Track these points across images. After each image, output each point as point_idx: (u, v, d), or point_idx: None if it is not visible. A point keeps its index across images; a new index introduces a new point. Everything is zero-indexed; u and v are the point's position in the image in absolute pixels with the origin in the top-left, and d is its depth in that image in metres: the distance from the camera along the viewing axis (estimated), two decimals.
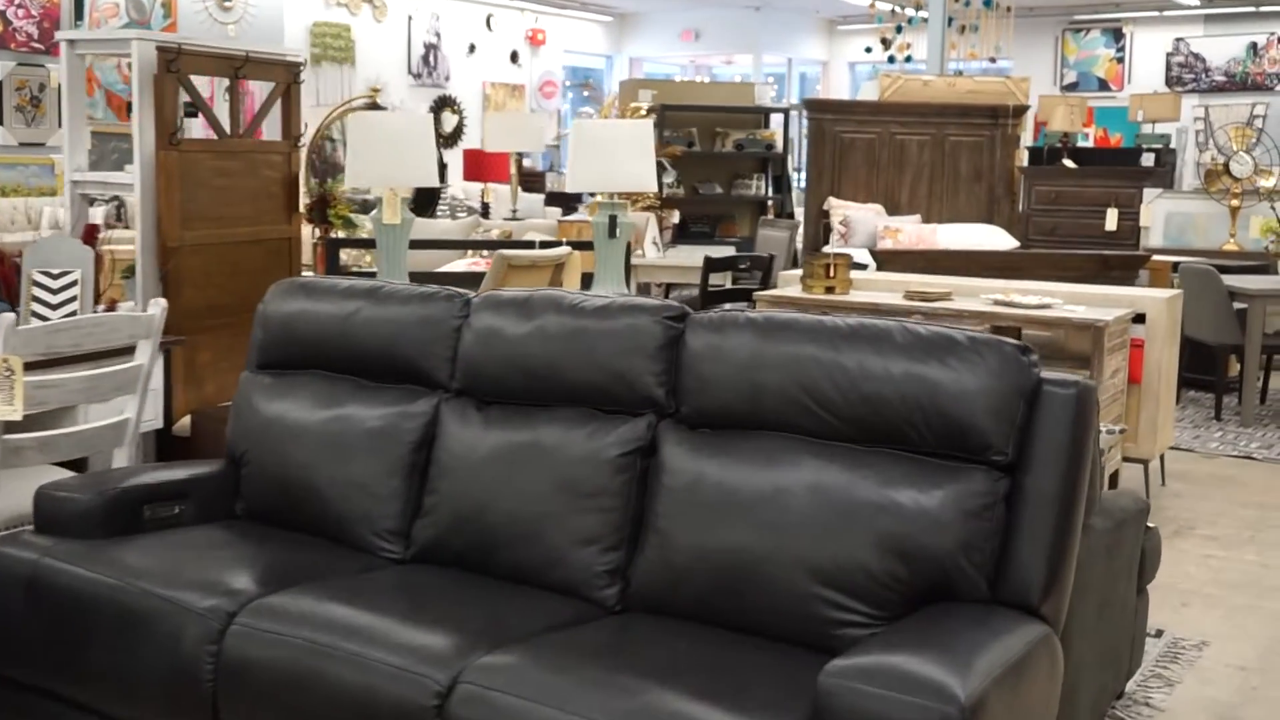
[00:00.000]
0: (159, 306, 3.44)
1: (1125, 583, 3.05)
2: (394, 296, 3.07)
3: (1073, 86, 17.13)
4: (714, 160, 10.04)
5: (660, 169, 8.56)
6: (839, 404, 2.45)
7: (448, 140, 15.73)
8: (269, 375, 3.22)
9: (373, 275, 5.22)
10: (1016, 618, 2.27)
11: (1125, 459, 5.30)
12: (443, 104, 15.90)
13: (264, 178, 4.85)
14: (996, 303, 5.23)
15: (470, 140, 14.63)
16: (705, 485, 2.53)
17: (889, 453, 2.42)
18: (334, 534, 2.94)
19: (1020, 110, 9.71)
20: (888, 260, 7.61)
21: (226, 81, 4.90)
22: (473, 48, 16.57)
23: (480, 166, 10.33)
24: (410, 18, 15.61)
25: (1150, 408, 5.28)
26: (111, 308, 4.28)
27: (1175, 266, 7.71)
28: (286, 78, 4.93)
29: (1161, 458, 5.58)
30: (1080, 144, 15.50)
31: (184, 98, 4.47)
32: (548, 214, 10.21)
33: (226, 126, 4.73)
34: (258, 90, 13.56)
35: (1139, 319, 5.26)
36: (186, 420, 4.33)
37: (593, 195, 8.75)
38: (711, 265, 5.87)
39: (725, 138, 9.90)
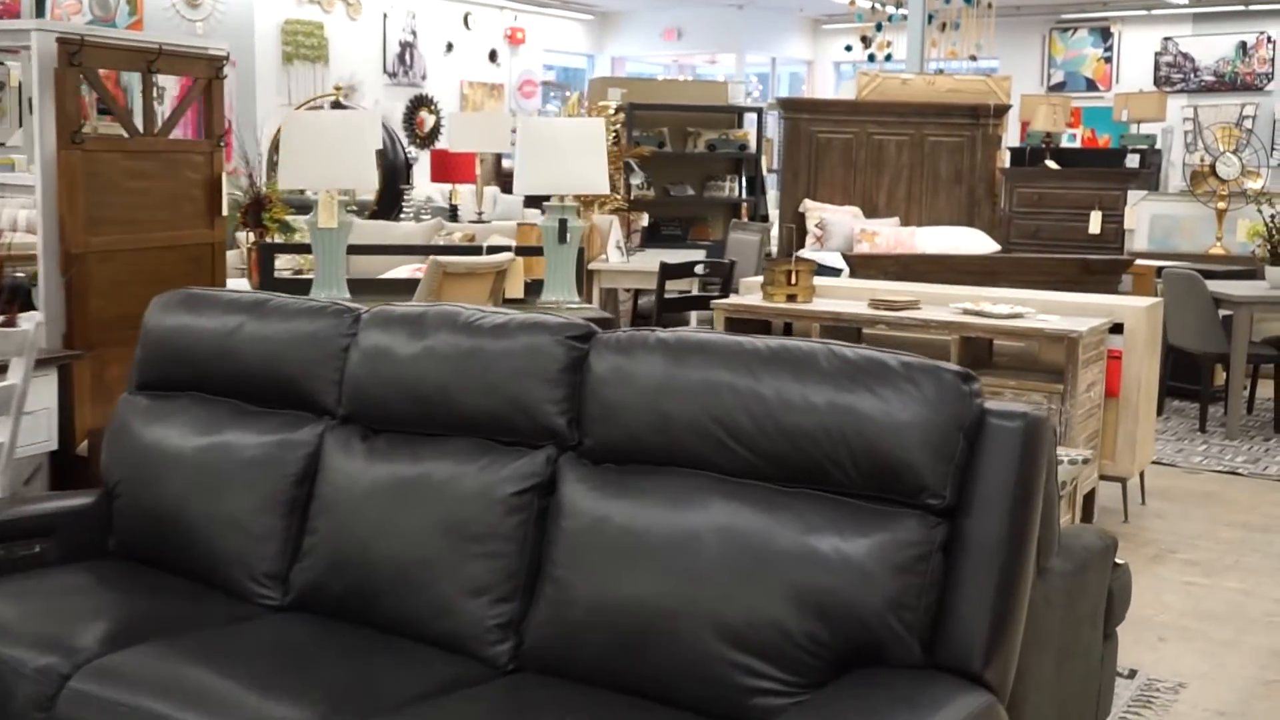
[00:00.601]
0: (32, 321, 3.14)
1: (1089, 629, 2.75)
2: (279, 311, 2.77)
3: (1060, 86, 16.88)
4: (686, 161, 9.73)
5: (627, 170, 8.27)
6: (755, 437, 2.16)
7: (424, 140, 15.45)
8: (147, 397, 2.91)
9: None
10: (954, 686, 1.98)
11: (1103, 477, 5.01)
12: (419, 103, 15.63)
13: (183, 179, 4.54)
14: (966, 312, 4.94)
15: (448, 140, 14.38)
16: (608, 529, 2.23)
17: (810, 494, 2.12)
18: (207, 577, 2.64)
19: (1001, 110, 9.42)
20: (861, 265, 7.33)
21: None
22: (450, 46, 16.29)
23: (447, 167, 10.01)
24: (385, 15, 15.34)
25: (1129, 423, 4.99)
26: (10, 321, 3.98)
27: (1159, 271, 7.43)
28: (208, 72, 4.62)
29: (1141, 475, 5.29)
30: (1068, 144, 15.24)
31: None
32: (526, 216, 9.92)
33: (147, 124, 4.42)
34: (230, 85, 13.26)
35: (1116, 329, 4.97)
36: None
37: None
38: (668, 271, 5.57)
39: (697, 138, 9.60)
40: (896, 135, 9.52)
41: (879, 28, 11.14)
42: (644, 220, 8.62)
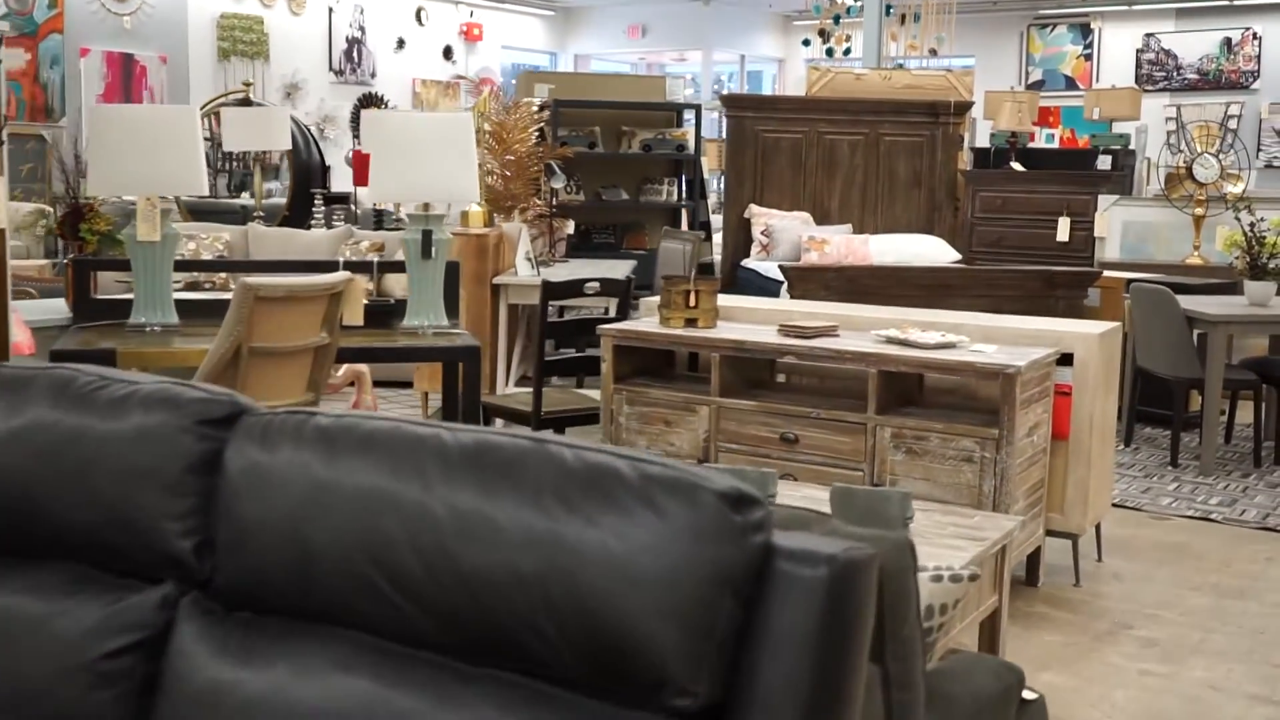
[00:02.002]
0: None
1: None
2: None
3: (1038, 85, 16.19)
4: (620, 162, 8.97)
5: (548, 172, 7.54)
6: (423, 586, 1.41)
7: None
8: None
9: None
10: None
11: (1050, 533, 4.28)
12: (368, 102, 14.91)
13: None
14: (889, 340, 4.20)
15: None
16: (223, 715, 1.48)
17: (499, 679, 1.37)
18: None
19: (962, 107, 8.69)
20: (800, 278, 6.61)
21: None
22: (401, 43, 15.60)
23: (365, 169, 9.26)
24: (331, 10, 14.62)
25: (1080, 470, 4.25)
26: None
27: (1130, 284, 6.70)
28: None
29: (1097, 528, 4.55)
30: (1047, 145, 14.50)
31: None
32: None
33: None
34: (150, 65, 12.53)
35: (1066, 359, 4.24)
36: None
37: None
38: (551, 291, 4.83)
39: (632, 137, 8.85)
40: (850, 135, 8.78)
41: (836, 21, 10.43)
42: (569, 227, 7.87)
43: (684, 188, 8.97)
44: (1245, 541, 4.89)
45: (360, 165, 9.91)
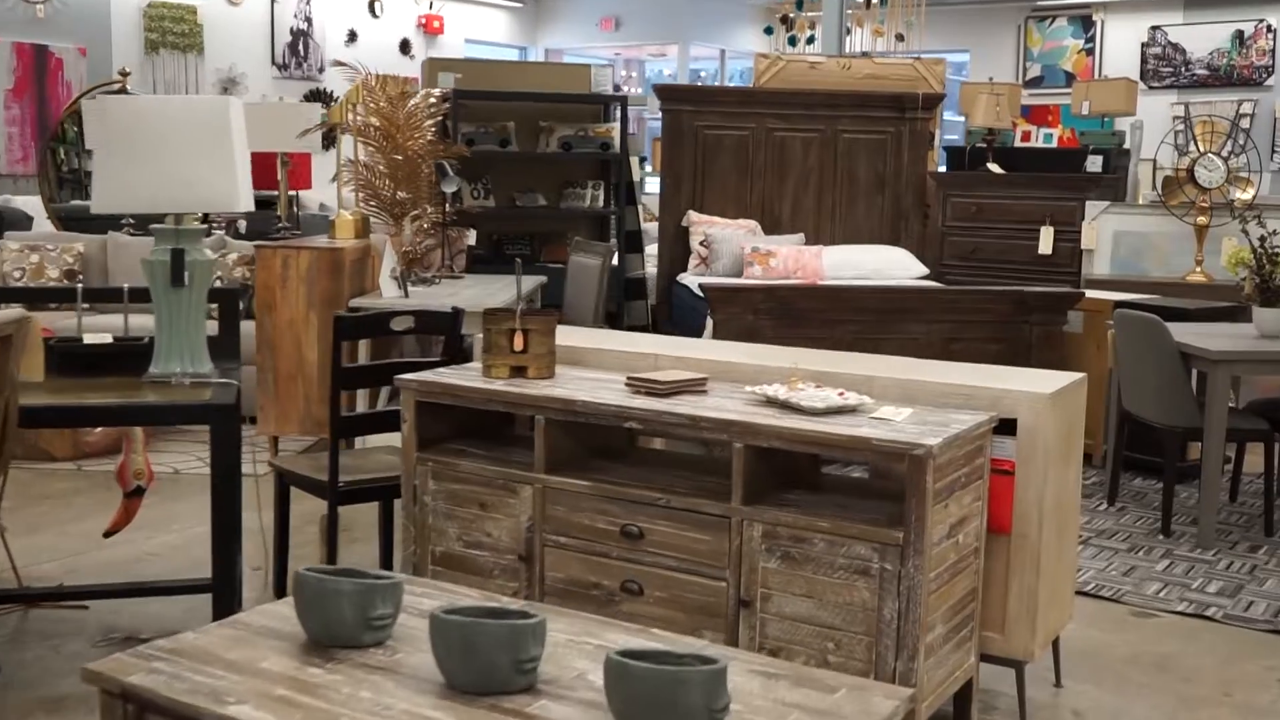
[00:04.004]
0: None
1: None
2: None
3: (1037, 81, 15.12)
4: (537, 163, 7.86)
5: (439, 174, 6.45)
6: None
7: (327, 141, 13.74)
8: None
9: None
10: None
11: (987, 659, 3.18)
12: (315, 99, 13.90)
13: None
14: (768, 401, 3.10)
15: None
16: None
17: None
18: None
19: (932, 100, 7.60)
20: (723, 300, 5.58)
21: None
22: (353, 36, 14.62)
23: (263, 170, 8.19)
24: (273, 0, 13.63)
25: (1027, 576, 3.15)
26: None
27: (1116, 309, 5.59)
28: None
29: (1055, 645, 3.45)
30: (1046, 145, 13.37)
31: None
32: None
33: None
34: (67, 57, 11.51)
35: (1006, 426, 3.14)
36: None
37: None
38: (346, 329, 3.71)
39: (551, 134, 7.75)
40: (803, 131, 7.69)
41: (799, 5, 9.34)
42: (470, 238, 6.78)
43: (612, 192, 7.86)
44: (1250, 652, 3.78)
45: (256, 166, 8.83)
